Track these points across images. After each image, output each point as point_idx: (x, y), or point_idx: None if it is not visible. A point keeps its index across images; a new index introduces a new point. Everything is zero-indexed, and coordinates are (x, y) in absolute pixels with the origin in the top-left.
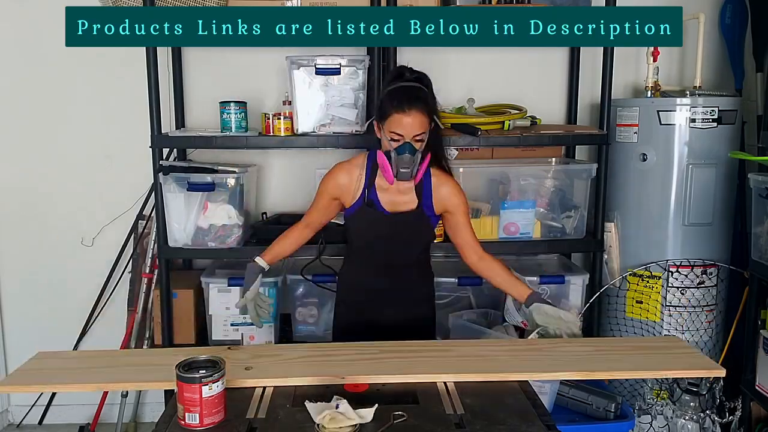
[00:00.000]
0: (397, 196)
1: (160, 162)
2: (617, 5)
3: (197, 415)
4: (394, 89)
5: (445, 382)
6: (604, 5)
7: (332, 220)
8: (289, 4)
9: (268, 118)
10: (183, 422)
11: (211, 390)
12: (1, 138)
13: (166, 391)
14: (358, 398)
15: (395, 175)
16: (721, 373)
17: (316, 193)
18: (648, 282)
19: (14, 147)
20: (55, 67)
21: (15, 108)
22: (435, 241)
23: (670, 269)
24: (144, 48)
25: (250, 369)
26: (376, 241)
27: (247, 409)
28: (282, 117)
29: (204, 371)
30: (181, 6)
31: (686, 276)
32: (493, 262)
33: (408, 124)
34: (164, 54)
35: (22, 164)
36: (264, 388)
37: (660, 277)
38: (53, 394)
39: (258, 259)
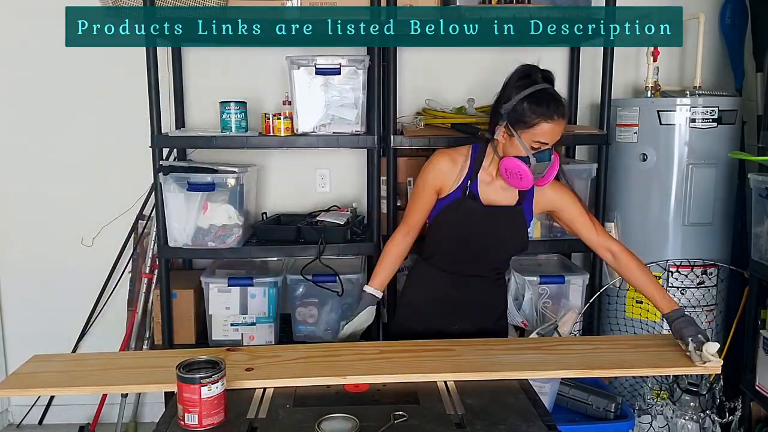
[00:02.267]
0: (498, 193)
1: (160, 162)
2: (617, 5)
3: (196, 415)
4: (537, 95)
5: (445, 382)
6: (604, 5)
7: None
8: (289, 4)
9: (268, 118)
10: (182, 422)
11: (210, 391)
12: (1, 138)
13: (166, 391)
14: (358, 398)
15: (536, 180)
16: (716, 369)
17: (415, 190)
18: None
19: (14, 147)
20: (55, 66)
21: (15, 108)
22: None
23: (670, 269)
24: (144, 48)
25: (250, 370)
26: (469, 238)
27: (247, 410)
28: (282, 117)
29: (204, 372)
30: (181, 6)
31: (686, 276)
32: (631, 263)
33: (557, 133)
34: (164, 54)
35: (22, 164)
36: (264, 389)
37: (660, 277)
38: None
39: (368, 288)
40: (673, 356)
